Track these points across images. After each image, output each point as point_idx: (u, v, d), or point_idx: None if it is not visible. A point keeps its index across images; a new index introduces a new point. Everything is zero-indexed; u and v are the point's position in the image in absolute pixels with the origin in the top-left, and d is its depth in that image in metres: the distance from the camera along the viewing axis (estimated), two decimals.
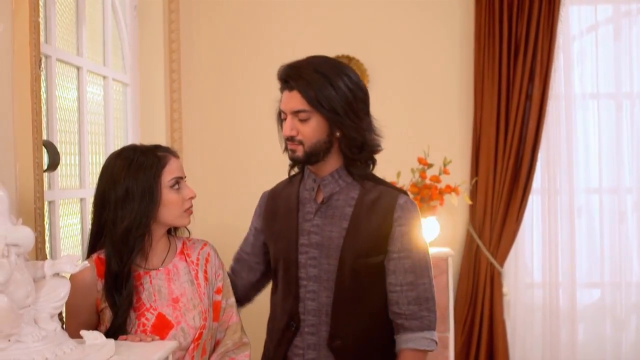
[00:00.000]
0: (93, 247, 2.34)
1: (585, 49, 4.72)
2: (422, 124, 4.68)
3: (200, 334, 2.31)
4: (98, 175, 2.31)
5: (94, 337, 1.98)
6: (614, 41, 4.69)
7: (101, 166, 2.34)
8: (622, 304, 4.68)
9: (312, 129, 2.39)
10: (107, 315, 2.26)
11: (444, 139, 4.64)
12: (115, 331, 2.20)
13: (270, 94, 4.69)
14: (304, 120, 2.39)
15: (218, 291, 2.43)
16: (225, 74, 4.76)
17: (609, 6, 4.71)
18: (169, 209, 2.29)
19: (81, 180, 3.45)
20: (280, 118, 2.48)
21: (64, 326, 2.27)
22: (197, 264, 2.41)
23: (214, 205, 4.69)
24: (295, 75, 2.39)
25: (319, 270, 2.44)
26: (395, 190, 2.49)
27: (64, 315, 2.33)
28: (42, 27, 2.87)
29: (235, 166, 4.80)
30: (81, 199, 3.45)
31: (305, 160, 2.43)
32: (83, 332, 2.00)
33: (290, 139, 2.41)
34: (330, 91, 2.36)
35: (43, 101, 2.76)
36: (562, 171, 4.67)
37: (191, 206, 2.33)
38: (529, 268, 4.70)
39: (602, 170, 4.69)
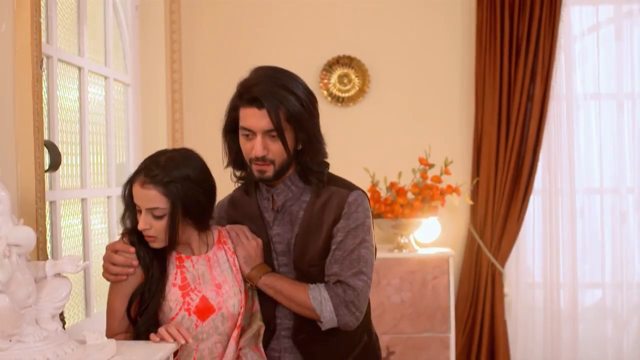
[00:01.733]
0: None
1: (586, 49, 4.72)
2: (423, 124, 4.68)
3: (241, 320, 2.36)
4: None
5: (95, 338, 1.99)
6: (615, 41, 4.69)
7: (102, 166, 2.36)
8: (623, 305, 4.67)
9: (281, 147, 2.35)
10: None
11: (445, 139, 4.64)
12: (153, 303, 2.27)
13: None
14: (275, 140, 2.34)
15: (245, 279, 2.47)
16: (226, 73, 4.74)
17: (610, 6, 4.72)
18: None
19: (82, 181, 3.46)
20: (234, 134, 2.41)
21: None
22: (234, 252, 2.43)
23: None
24: (264, 93, 2.31)
25: (292, 276, 2.45)
26: (345, 189, 2.44)
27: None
28: (43, 27, 2.89)
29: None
30: (82, 199, 3.45)
31: (273, 179, 2.40)
32: (85, 333, 2.00)
33: (262, 159, 2.34)
34: (296, 106, 2.33)
35: (44, 101, 2.77)
36: (563, 172, 4.67)
37: (147, 236, 2.28)
38: (530, 268, 4.71)
39: (603, 170, 4.69)
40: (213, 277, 2.37)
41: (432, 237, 4.36)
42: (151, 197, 2.21)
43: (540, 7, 4.56)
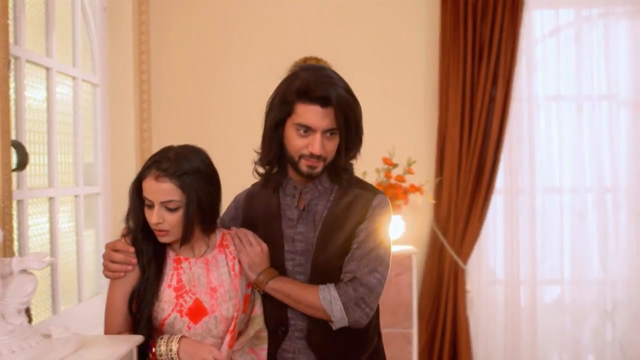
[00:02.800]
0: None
1: (547, 52, 4.83)
2: (388, 125, 4.74)
3: (235, 324, 2.36)
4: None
5: (60, 332, 2.05)
6: (575, 44, 4.80)
7: (70, 166, 2.39)
8: (581, 301, 4.79)
9: (335, 147, 2.40)
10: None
11: (409, 139, 4.72)
12: (147, 303, 2.28)
13: (239, 95, 4.77)
14: (332, 136, 2.37)
15: (249, 285, 2.47)
16: (195, 75, 4.80)
17: (570, 10, 4.83)
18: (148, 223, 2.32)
19: (50, 180, 3.50)
20: (288, 128, 2.40)
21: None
22: (235, 257, 2.44)
23: None
24: (332, 93, 2.32)
25: (305, 277, 2.46)
26: (370, 192, 2.49)
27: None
28: (11, 29, 2.92)
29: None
30: (50, 198, 3.49)
31: (317, 176, 2.43)
32: (50, 327, 2.06)
33: (317, 157, 2.37)
34: (355, 110, 2.38)
35: (12, 102, 2.80)
36: (524, 171, 4.78)
37: (159, 230, 2.29)
38: (492, 266, 4.81)
39: (563, 170, 4.81)
40: (209, 280, 2.37)
41: (396, 235, 4.44)
42: (166, 190, 2.23)
43: (502, 11, 4.65)
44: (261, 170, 2.51)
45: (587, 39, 4.80)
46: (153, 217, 2.24)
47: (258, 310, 2.50)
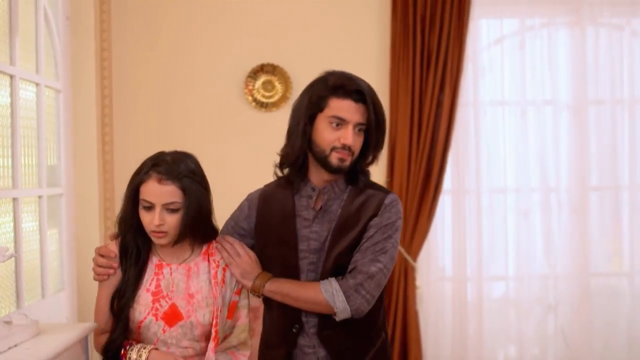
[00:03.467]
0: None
1: (492, 59, 5.03)
2: None
3: (216, 331, 2.43)
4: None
5: (20, 319, 2.21)
6: (519, 52, 4.99)
7: (34, 167, 2.51)
8: (525, 296, 5.01)
9: (361, 143, 2.50)
10: None
11: None
12: (123, 305, 2.39)
13: (199, 99, 4.93)
14: (360, 133, 2.48)
15: (238, 292, 2.55)
16: (155, 80, 4.96)
17: (514, 20, 5.03)
18: (144, 225, 2.40)
19: (14, 181, 3.63)
20: (320, 122, 2.49)
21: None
22: (218, 264, 2.50)
23: None
24: (365, 89, 2.47)
25: (315, 275, 2.52)
26: (382, 192, 2.57)
27: None
28: None
29: None
30: (14, 199, 3.63)
31: (344, 171, 2.51)
32: (11, 314, 2.23)
33: (348, 148, 2.46)
34: (383, 113, 2.53)
35: None
36: (470, 173, 4.98)
37: (158, 232, 2.37)
38: (440, 263, 5.00)
39: (507, 171, 5.02)
40: (187, 286, 2.44)
41: None
42: (169, 192, 2.32)
43: (449, 21, 4.84)
44: (279, 172, 2.61)
45: (530, 47, 5.00)
46: (155, 219, 2.33)
47: (245, 319, 2.58)
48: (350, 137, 2.44)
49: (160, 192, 2.32)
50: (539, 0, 5.00)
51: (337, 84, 2.47)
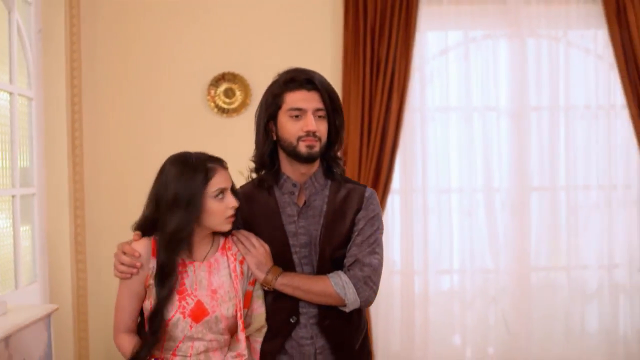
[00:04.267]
0: (143, 230, 2.54)
1: (438, 68, 5.31)
2: None
3: (242, 322, 2.51)
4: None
5: None
6: (463, 62, 5.28)
7: (8, 170, 2.72)
8: (468, 289, 5.32)
9: (326, 129, 2.58)
10: (154, 292, 2.47)
11: None
12: (157, 312, 2.41)
13: (164, 105, 5.22)
14: (321, 119, 2.56)
15: (252, 283, 2.60)
16: (123, 88, 5.21)
17: (458, 32, 5.33)
18: (212, 217, 2.46)
19: None
20: (282, 118, 2.58)
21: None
22: (236, 258, 2.56)
23: (116, 213, 5.06)
24: (315, 77, 2.59)
25: (311, 267, 2.61)
26: (360, 186, 2.70)
27: None
28: None
29: (135, 173, 5.14)
30: None
31: (315, 158, 2.59)
32: None
33: (313, 135, 2.54)
34: (337, 97, 2.64)
35: None
36: (417, 173, 5.26)
37: (233, 215, 2.48)
38: (390, 258, 5.25)
39: (452, 172, 5.33)
40: (210, 282, 2.50)
41: None
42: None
43: (397, 33, 5.12)
44: (254, 175, 2.70)
45: (473, 57, 5.29)
46: (234, 201, 2.47)
47: (261, 309, 2.62)
48: (312, 123, 2.53)
49: (228, 177, 2.50)
50: (481, 13, 5.30)
51: (288, 79, 2.59)
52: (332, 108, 2.59)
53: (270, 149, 2.61)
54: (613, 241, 5.42)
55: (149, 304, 2.47)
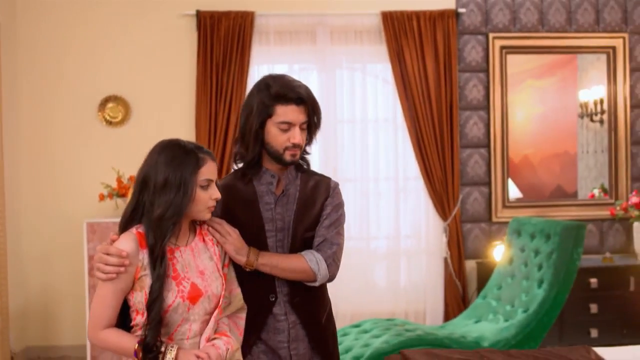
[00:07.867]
0: (131, 219, 2.46)
1: None
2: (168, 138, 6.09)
3: (221, 301, 2.52)
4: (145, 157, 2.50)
5: None
6: None
7: None
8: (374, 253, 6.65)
9: (305, 137, 2.71)
10: (147, 281, 2.40)
11: None
12: (155, 297, 2.36)
13: (66, 120, 6.82)
14: (303, 130, 2.67)
15: (226, 265, 2.62)
16: (35, 107, 6.46)
17: (283, 66, 6.68)
18: (196, 205, 2.44)
19: None
20: (270, 127, 2.65)
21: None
22: (214, 242, 2.58)
23: (35, 211, 6.43)
24: (305, 94, 2.65)
25: (283, 250, 2.71)
26: (326, 177, 2.84)
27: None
28: None
29: (51, 167, 6.50)
30: None
31: (296, 163, 2.73)
32: None
33: (297, 146, 2.65)
34: (319, 107, 2.74)
35: None
36: (329, 169, 6.53)
37: (214, 205, 2.47)
38: None
39: (356, 167, 6.71)
40: (197, 265, 2.49)
41: None
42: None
43: (235, 66, 6.45)
44: (235, 165, 2.80)
45: None
46: (216, 193, 2.46)
47: (237, 289, 2.63)
48: (298, 137, 2.64)
49: (215, 170, 2.50)
50: (299, 52, 6.69)
51: (280, 94, 2.63)
52: (315, 119, 2.72)
53: (259, 149, 2.70)
54: (399, 218, 6.86)
55: (140, 296, 2.41)
